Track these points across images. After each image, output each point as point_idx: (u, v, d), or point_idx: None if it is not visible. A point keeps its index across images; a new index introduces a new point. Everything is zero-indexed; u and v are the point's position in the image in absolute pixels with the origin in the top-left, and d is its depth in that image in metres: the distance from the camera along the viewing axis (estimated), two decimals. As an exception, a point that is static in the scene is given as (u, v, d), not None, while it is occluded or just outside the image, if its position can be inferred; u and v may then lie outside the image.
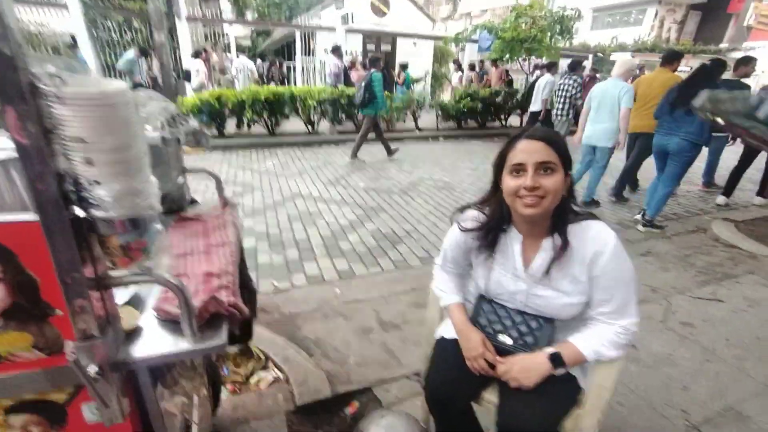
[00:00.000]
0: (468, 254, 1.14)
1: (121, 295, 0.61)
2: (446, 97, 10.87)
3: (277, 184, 4.78)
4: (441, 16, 26.23)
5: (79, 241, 0.46)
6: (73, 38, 7.74)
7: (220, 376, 1.60)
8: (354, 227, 3.57)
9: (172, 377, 0.63)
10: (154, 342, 0.57)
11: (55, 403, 0.55)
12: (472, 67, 11.38)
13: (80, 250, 0.46)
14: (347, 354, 1.94)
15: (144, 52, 7.49)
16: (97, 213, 0.45)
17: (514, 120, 9.59)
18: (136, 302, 0.62)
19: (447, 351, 1.15)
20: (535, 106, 6.93)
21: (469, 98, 8.55)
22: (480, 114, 8.86)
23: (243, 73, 8.36)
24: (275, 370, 1.88)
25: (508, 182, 0.94)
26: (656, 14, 22.84)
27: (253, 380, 1.84)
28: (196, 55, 7.85)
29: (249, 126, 7.56)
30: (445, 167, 5.94)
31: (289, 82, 11.28)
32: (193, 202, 1.21)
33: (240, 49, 11.49)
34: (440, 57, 14.16)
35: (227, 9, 18.73)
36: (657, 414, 1.61)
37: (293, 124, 7.97)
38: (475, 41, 10.12)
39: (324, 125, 7.94)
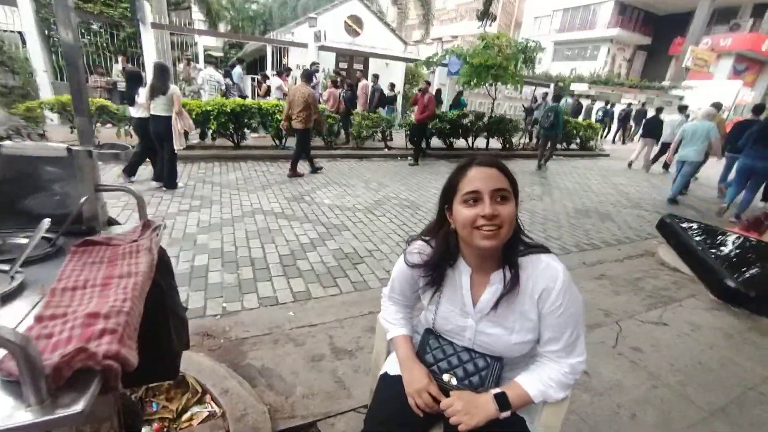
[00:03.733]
0: (415, 287, 1.08)
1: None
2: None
3: (237, 199, 4.59)
4: (413, 39, 27.09)
5: None
6: (22, 36, 7.26)
7: (140, 415, 1.42)
8: (314, 245, 3.45)
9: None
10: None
11: None
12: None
13: None
14: (294, 384, 1.81)
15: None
16: None
17: (480, 142, 9.88)
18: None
19: (389, 388, 1.06)
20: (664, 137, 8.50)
21: (437, 119, 8.74)
22: (447, 135, 9.06)
23: (209, 84, 8.13)
24: (212, 404, 1.71)
25: (463, 212, 0.88)
26: (608, 51, 24.86)
27: (185, 417, 1.66)
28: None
29: (213, 138, 7.30)
30: (411, 186, 5.96)
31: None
32: (112, 222, 1.08)
33: (209, 60, 11.23)
34: (411, 78, 14.52)
35: (199, 18, 18.39)
36: (607, 445, 1.59)
37: (260, 139, 7.79)
38: (445, 65, 10.45)
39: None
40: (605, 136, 14.91)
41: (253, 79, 10.77)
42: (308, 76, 5.85)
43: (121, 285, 0.73)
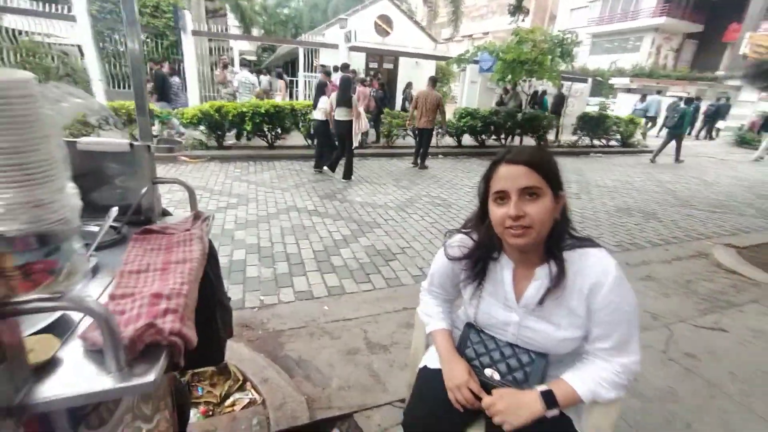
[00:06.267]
0: (456, 281, 1.06)
1: (40, 322, 0.53)
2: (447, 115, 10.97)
3: (272, 197, 4.73)
4: (443, 37, 26.79)
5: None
6: (80, 49, 7.85)
7: (188, 397, 1.49)
8: (347, 242, 3.49)
9: (99, 416, 0.54)
10: (69, 379, 0.48)
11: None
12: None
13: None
14: (330, 376, 1.84)
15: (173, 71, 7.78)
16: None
17: (515, 140, 9.62)
18: (62, 328, 0.54)
19: (429, 382, 1.05)
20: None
21: (469, 117, 8.60)
22: (479, 132, 8.89)
23: (244, 87, 8.43)
24: (252, 391, 1.77)
25: (494, 211, 0.87)
26: (653, 42, 23.36)
27: (228, 402, 1.73)
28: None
29: (248, 138, 7.56)
30: (443, 184, 5.90)
31: (291, 97, 11.40)
32: (165, 213, 1.14)
33: (243, 63, 11.65)
34: (441, 76, 14.35)
35: (234, 24, 19.14)
36: (659, 454, 1.50)
37: (293, 139, 7.98)
38: (477, 62, 10.26)
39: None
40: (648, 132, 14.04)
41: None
42: (434, 80, 6.66)
43: (178, 270, 0.77)
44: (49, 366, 0.48)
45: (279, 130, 7.39)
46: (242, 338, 2.13)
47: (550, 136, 10.06)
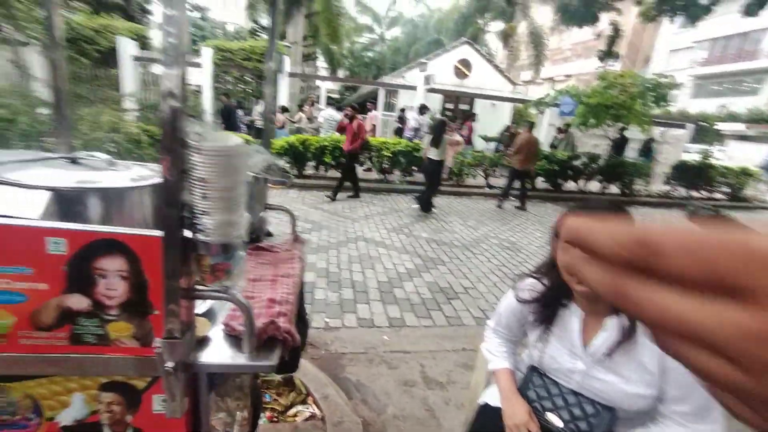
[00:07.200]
0: (523, 323, 1.10)
1: (199, 307, 0.72)
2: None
3: (343, 225, 5.05)
4: (522, 79, 26.72)
5: (183, 257, 0.58)
6: (199, 88, 9.44)
7: (261, 401, 1.67)
8: (411, 276, 3.58)
9: (224, 389, 0.71)
10: (217, 352, 0.66)
11: (135, 388, 0.65)
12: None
13: (182, 264, 0.58)
14: (386, 404, 1.90)
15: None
16: (200, 236, 0.57)
17: (594, 186, 9.07)
18: (209, 315, 0.73)
19: (489, 419, 1.08)
20: None
21: (545, 160, 8.37)
22: (555, 176, 8.57)
23: (328, 123, 9.28)
24: (314, 406, 1.90)
25: (560, 257, 0.93)
26: (777, 84, 20.64)
27: (291, 412, 1.87)
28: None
29: (326, 169, 8.21)
30: (513, 227, 5.76)
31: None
32: (269, 234, 1.37)
33: (330, 102, 12.86)
34: (518, 118, 14.25)
35: (322, 65, 21.30)
36: None
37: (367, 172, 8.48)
38: (557, 105, 10.07)
39: (395, 175, 8.32)
40: None
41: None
42: (531, 125, 7.15)
43: (284, 282, 0.95)
44: (204, 341, 0.66)
45: (356, 164, 7.94)
46: (307, 355, 2.30)
47: (638, 185, 9.28)
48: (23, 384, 0.64)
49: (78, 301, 0.59)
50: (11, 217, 0.61)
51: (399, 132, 10.40)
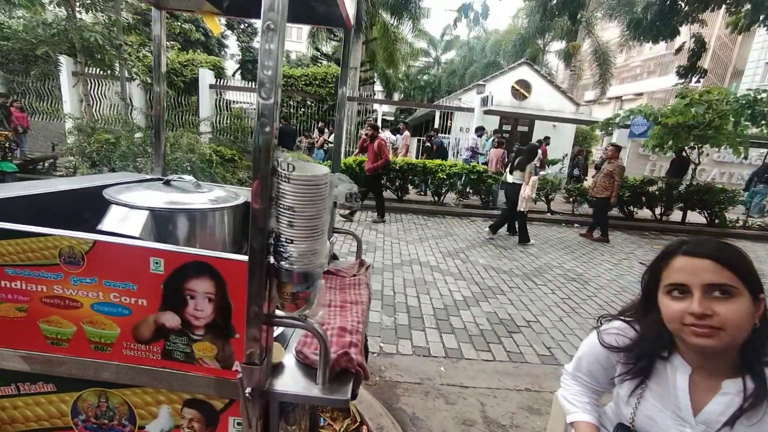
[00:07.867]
0: (610, 372, 0.97)
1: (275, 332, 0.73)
2: (588, 181, 10.09)
3: (398, 248, 5.02)
4: (585, 99, 25.41)
5: (266, 283, 0.59)
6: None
7: (318, 425, 1.65)
8: (468, 304, 3.43)
9: (294, 416, 0.69)
10: (291, 381, 0.65)
11: (214, 408, 0.66)
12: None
13: (265, 290, 0.59)
14: (444, 444, 1.78)
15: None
16: (284, 264, 0.57)
17: (676, 215, 8.16)
18: (280, 339, 0.73)
19: (570, 482, 0.95)
20: None
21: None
22: (626, 203, 7.86)
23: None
24: (368, 436, 1.83)
25: (669, 305, 0.79)
26: None
27: (345, 440, 1.83)
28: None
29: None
30: (579, 257, 5.33)
31: (418, 155, 12.29)
32: (334, 257, 1.38)
33: (386, 125, 13.20)
34: (581, 140, 13.49)
35: (378, 89, 22.06)
36: None
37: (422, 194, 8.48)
38: (627, 126, 9.36)
39: (450, 197, 8.20)
40: None
41: (419, 140, 12.10)
42: (618, 149, 6.63)
43: (353, 310, 0.93)
44: (277, 367, 0.66)
45: (409, 186, 7.98)
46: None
47: (732, 215, 8.18)
48: (121, 391, 0.68)
49: (171, 319, 0.62)
50: (120, 235, 0.67)
51: (427, 152, 10.47)
